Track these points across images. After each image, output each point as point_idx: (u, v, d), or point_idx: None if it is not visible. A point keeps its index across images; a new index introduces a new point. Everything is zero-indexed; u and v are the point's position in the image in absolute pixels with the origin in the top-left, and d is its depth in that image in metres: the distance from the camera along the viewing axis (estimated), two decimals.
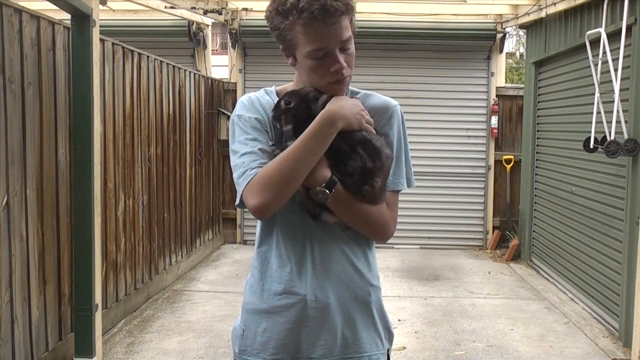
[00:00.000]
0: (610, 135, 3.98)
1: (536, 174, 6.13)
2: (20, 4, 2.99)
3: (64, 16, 3.22)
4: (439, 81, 6.94)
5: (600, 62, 4.14)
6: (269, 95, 1.47)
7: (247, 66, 7.09)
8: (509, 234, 6.79)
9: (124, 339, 3.88)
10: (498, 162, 6.97)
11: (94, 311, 3.24)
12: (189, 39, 7.07)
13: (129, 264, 4.36)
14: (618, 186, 4.13)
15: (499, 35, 6.83)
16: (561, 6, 5.09)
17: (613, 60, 3.96)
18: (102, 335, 3.50)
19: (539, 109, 6.05)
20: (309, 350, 1.37)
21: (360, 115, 1.35)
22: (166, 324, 4.18)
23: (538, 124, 6.08)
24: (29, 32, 2.99)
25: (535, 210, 6.14)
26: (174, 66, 5.34)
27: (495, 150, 6.96)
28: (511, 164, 6.89)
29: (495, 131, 6.85)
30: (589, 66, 4.30)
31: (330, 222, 1.38)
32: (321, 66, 1.34)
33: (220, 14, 6.49)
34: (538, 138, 6.08)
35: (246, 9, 6.82)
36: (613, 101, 3.94)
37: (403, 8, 6.52)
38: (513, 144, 6.96)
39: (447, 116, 6.88)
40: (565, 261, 5.21)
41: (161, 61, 5.01)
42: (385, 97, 1.47)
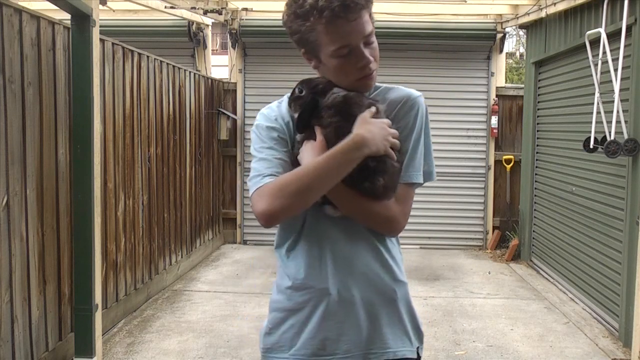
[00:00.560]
0: (610, 135, 3.98)
1: (536, 174, 6.13)
2: (20, 4, 2.99)
3: (64, 16, 3.22)
4: (439, 81, 6.95)
5: (600, 62, 4.14)
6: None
7: (247, 66, 7.09)
8: (509, 234, 6.80)
9: (124, 339, 3.88)
10: (498, 162, 6.97)
11: (94, 311, 3.24)
12: (189, 39, 7.07)
13: (129, 264, 4.36)
14: (618, 186, 4.13)
15: (499, 35, 6.83)
16: (561, 6, 5.09)
17: (613, 60, 3.96)
18: (102, 335, 3.50)
19: (539, 109, 6.05)
20: (332, 346, 1.37)
21: (387, 140, 1.32)
22: (166, 324, 4.18)
23: (538, 124, 6.08)
24: (29, 32, 2.99)
25: (535, 210, 6.14)
26: (174, 66, 5.34)
27: (495, 150, 6.96)
28: (511, 164, 6.89)
29: (495, 131, 6.85)
30: (589, 66, 4.30)
31: (334, 216, 1.36)
32: (347, 63, 1.33)
33: (220, 14, 6.49)
34: (538, 138, 6.08)
35: (246, 9, 6.82)
36: (613, 101, 3.94)
37: (403, 8, 6.52)
38: (513, 144, 6.96)
39: (447, 116, 6.87)
40: (565, 261, 5.21)
41: (161, 61, 5.01)
42: (408, 89, 1.43)
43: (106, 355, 3.58)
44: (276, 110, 1.44)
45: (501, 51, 6.95)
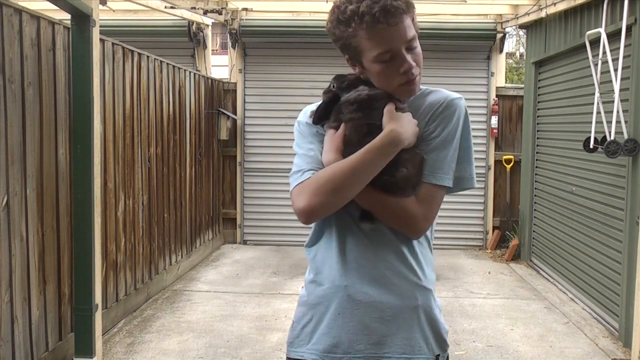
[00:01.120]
0: (610, 135, 3.98)
1: (536, 174, 6.13)
2: (20, 4, 2.99)
3: (64, 16, 3.22)
4: (438, 81, 6.92)
5: (600, 62, 4.14)
6: None
7: (247, 66, 7.09)
8: (509, 234, 6.80)
9: (124, 339, 3.88)
10: (498, 162, 6.97)
11: (94, 311, 3.24)
12: (189, 39, 7.07)
13: (129, 264, 4.36)
14: (618, 186, 4.13)
15: (499, 35, 6.83)
16: (561, 6, 5.09)
17: (613, 60, 3.96)
18: (102, 335, 3.50)
19: (539, 109, 6.05)
20: (346, 344, 1.38)
21: (416, 133, 1.35)
22: (166, 324, 4.18)
23: (538, 124, 6.08)
24: (29, 32, 2.99)
25: (535, 210, 6.14)
26: (174, 66, 5.34)
27: (495, 150, 6.96)
28: (511, 164, 6.89)
29: (495, 131, 6.85)
30: (589, 66, 4.30)
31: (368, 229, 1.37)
32: (389, 69, 1.33)
33: (220, 14, 6.49)
34: (538, 138, 6.08)
35: (246, 9, 6.82)
36: (613, 101, 3.94)
37: None
38: (513, 144, 6.96)
39: None
40: (565, 261, 5.21)
41: (161, 61, 5.01)
42: (448, 92, 1.42)
43: (106, 355, 3.58)
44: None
45: (501, 51, 6.95)
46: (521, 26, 6.46)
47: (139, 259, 4.56)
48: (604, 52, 4.05)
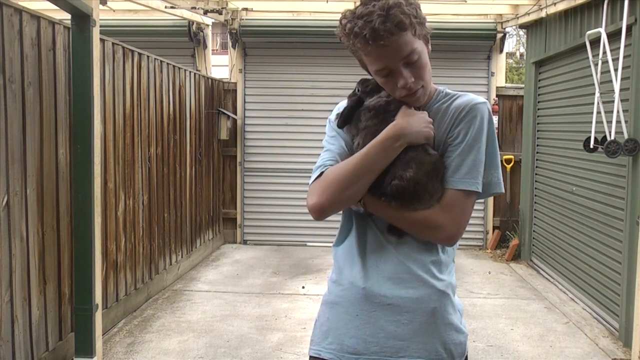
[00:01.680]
0: (610, 135, 3.98)
1: (536, 174, 6.13)
2: (20, 4, 2.99)
3: (64, 16, 3.22)
4: (439, 81, 6.73)
5: (600, 62, 4.14)
6: None
7: (247, 66, 7.09)
8: (509, 234, 6.80)
9: (124, 338, 3.88)
10: None
11: (94, 311, 3.24)
12: (189, 39, 7.07)
13: (129, 263, 4.36)
14: (618, 186, 4.13)
15: (499, 35, 6.83)
16: (561, 6, 5.09)
17: (613, 60, 3.96)
18: (102, 335, 3.50)
19: (539, 109, 6.05)
20: (360, 345, 1.38)
21: (426, 130, 1.35)
22: (166, 323, 4.18)
23: (538, 124, 6.08)
24: (29, 32, 2.99)
25: (535, 210, 6.14)
26: (174, 66, 5.34)
27: None
28: (511, 164, 6.89)
29: (496, 131, 6.84)
30: (589, 66, 4.30)
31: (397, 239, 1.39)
32: (390, 82, 1.36)
33: (221, 14, 6.49)
34: (538, 138, 6.08)
35: (246, 9, 6.82)
36: (613, 101, 3.94)
37: None
38: (513, 144, 6.96)
39: None
40: (565, 261, 5.21)
41: (161, 61, 5.01)
42: (473, 96, 1.41)
43: (106, 355, 3.58)
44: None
45: (501, 51, 6.96)
46: (521, 26, 6.45)
47: (139, 259, 4.56)
48: (604, 52, 4.05)
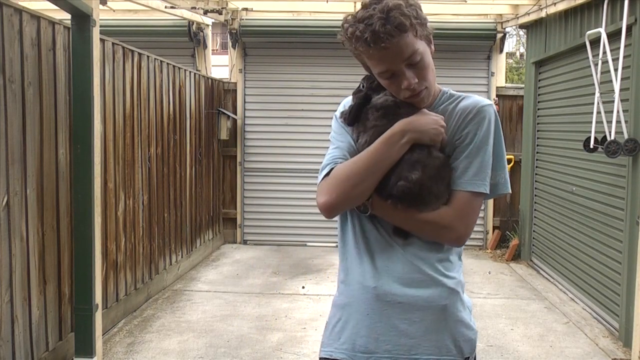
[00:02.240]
0: (610, 135, 3.98)
1: (536, 174, 6.13)
2: (20, 4, 2.99)
3: (64, 16, 3.22)
4: (439, 81, 6.75)
5: (600, 62, 4.14)
6: None
7: (247, 66, 7.09)
8: (509, 234, 6.80)
9: (124, 338, 3.88)
10: None
11: (94, 311, 3.24)
12: (189, 38, 7.07)
13: (129, 263, 4.36)
14: (618, 186, 4.13)
15: (499, 35, 6.83)
16: (561, 6, 5.09)
17: (613, 60, 3.96)
18: (102, 335, 3.50)
19: (539, 109, 6.05)
20: (372, 344, 1.38)
21: (434, 129, 1.34)
22: (166, 323, 4.18)
23: (538, 124, 6.08)
24: (29, 32, 2.99)
25: (535, 210, 6.14)
26: (174, 66, 5.34)
27: None
28: (511, 164, 6.88)
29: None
30: (589, 66, 4.30)
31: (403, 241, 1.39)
32: (393, 84, 1.37)
33: (221, 14, 6.49)
34: (538, 138, 6.08)
35: (246, 9, 6.82)
36: (613, 101, 3.94)
37: None
38: (513, 144, 6.96)
39: None
40: (565, 261, 5.21)
41: (161, 61, 5.01)
42: (479, 98, 1.42)
43: (106, 355, 3.58)
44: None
45: (501, 51, 6.96)
46: (521, 26, 6.45)
47: (139, 259, 4.56)
48: (604, 52, 4.05)
